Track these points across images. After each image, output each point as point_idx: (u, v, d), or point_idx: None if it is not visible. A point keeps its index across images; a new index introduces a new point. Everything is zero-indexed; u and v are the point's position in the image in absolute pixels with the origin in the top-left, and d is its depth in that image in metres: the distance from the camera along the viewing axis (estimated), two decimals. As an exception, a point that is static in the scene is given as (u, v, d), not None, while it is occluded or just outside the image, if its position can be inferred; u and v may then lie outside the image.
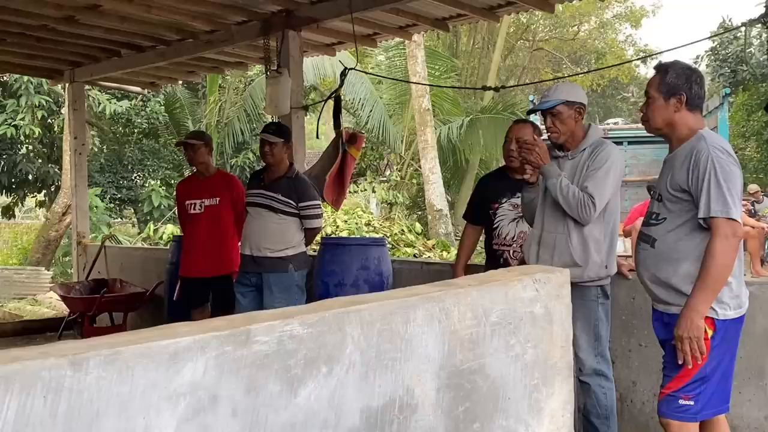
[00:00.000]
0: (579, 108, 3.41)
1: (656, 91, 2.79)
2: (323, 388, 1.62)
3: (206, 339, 1.45)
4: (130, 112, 15.53)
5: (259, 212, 4.53)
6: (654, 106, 2.80)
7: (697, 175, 2.63)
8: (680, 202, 2.71)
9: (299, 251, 4.57)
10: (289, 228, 4.51)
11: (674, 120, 2.77)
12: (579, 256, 3.29)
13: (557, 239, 3.36)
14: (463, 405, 1.92)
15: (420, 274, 4.90)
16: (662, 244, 2.76)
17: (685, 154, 2.71)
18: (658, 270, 2.76)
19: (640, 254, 2.87)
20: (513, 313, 2.08)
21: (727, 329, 2.68)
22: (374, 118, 15.07)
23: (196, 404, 1.43)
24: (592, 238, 3.32)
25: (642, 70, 27.97)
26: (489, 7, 5.49)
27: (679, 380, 2.71)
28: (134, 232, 15.89)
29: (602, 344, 3.41)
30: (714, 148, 2.65)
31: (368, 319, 1.73)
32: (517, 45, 25.20)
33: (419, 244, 12.56)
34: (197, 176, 5.32)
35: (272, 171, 4.61)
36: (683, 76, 2.76)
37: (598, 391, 3.39)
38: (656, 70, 2.86)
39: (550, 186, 3.30)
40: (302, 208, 4.53)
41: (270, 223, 4.49)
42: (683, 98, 2.74)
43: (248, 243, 4.57)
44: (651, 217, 2.85)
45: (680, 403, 2.70)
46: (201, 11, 5.58)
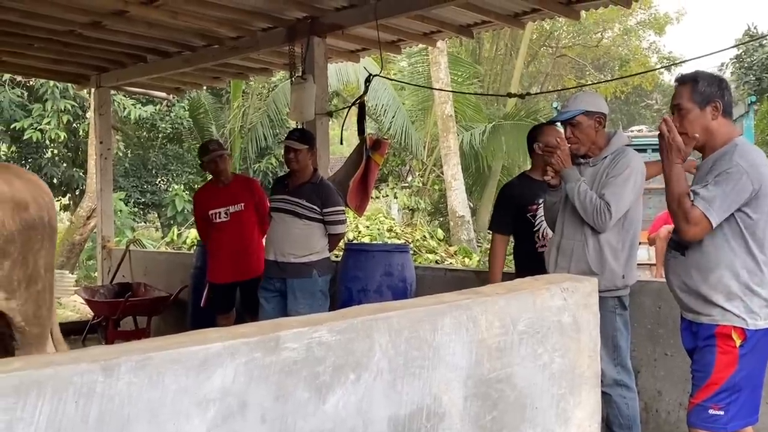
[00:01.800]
0: (599, 118, 3.39)
1: (690, 102, 2.75)
2: (351, 396, 1.61)
3: (236, 345, 1.45)
4: (155, 117, 15.67)
5: (284, 218, 4.54)
6: (690, 117, 2.75)
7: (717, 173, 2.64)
8: None
9: (323, 257, 4.58)
10: (314, 234, 4.52)
11: (712, 127, 2.73)
12: (595, 264, 3.27)
13: (575, 246, 3.35)
14: (491, 414, 1.91)
15: (443, 281, 4.89)
16: (694, 252, 2.74)
17: (712, 160, 2.71)
18: (688, 278, 2.75)
19: (670, 262, 2.86)
20: (541, 322, 2.06)
21: (759, 339, 2.65)
22: (396, 124, 15.07)
23: (226, 410, 1.43)
24: (608, 247, 3.29)
25: (666, 77, 27.76)
26: (514, 14, 5.48)
27: (708, 389, 2.68)
28: (158, 236, 16.01)
29: (621, 355, 3.38)
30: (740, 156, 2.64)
31: (396, 326, 1.72)
32: (540, 51, 25.08)
33: (441, 251, 12.54)
34: (215, 185, 5.33)
35: (296, 177, 4.62)
36: (715, 84, 2.75)
37: (619, 402, 3.36)
38: (682, 82, 2.82)
39: (569, 190, 3.29)
40: (326, 214, 4.54)
41: (294, 229, 4.50)
42: (719, 105, 2.72)
43: (272, 248, 4.58)
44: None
45: (710, 413, 2.68)
46: (226, 18, 5.62)
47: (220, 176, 5.28)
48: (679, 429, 3.75)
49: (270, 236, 4.66)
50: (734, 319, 2.65)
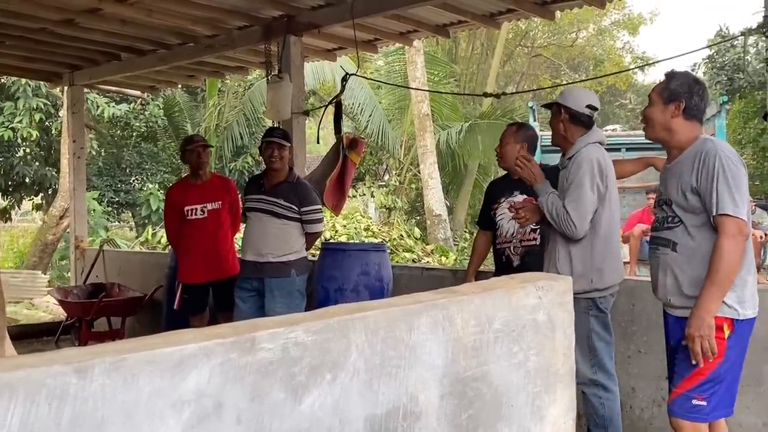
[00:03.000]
0: (569, 113, 3.40)
1: (658, 95, 2.85)
2: (327, 396, 1.61)
3: (211, 346, 1.45)
4: (129, 115, 15.53)
5: (261, 218, 4.52)
6: (653, 108, 2.85)
7: (706, 175, 2.65)
8: (691, 204, 2.72)
9: (301, 256, 4.58)
10: (292, 233, 4.51)
11: (671, 126, 2.80)
12: (563, 269, 3.29)
13: (550, 251, 3.43)
14: (467, 412, 1.92)
15: (420, 279, 4.90)
16: (684, 246, 2.76)
17: (692, 156, 2.73)
18: (681, 273, 2.76)
19: (659, 258, 2.86)
20: (516, 321, 2.08)
21: (744, 329, 2.69)
22: (373, 122, 15.08)
23: (201, 412, 1.42)
24: (575, 251, 3.31)
25: (639, 78, 28.08)
26: (489, 14, 5.51)
27: (692, 379, 2.69)
28: (132, 236, 15.87)
29: (598, 356, 3.38)
30: (721, 149, 2.70)
31: (373, 326, 1.73)
32: (515, 51, 25.23)
33: (418, 249, 12.58)
34: (193, 180, 5.25)
35: (273, 176, 4.59)
36: (686, 85, 2.81)
37: (595, 401, 3.39)
38: (664, 76, 2.90)
39: (540, 204, 3.35)
40: (304, 213, 4.53)
41: (272, 229, 4.48)
42: (681, 105, 2.78)
43: (250, 248, 4.55)
44: (665, 222, 2.84)
45: (693, 404, 2.69)
46: (202, 16, 5.58)
47: (199, 170, 5.19)
48: (653, 425, 3.80)
49: (247, 236, 4.62)
50: (726, 311, 2.65)
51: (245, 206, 4.69)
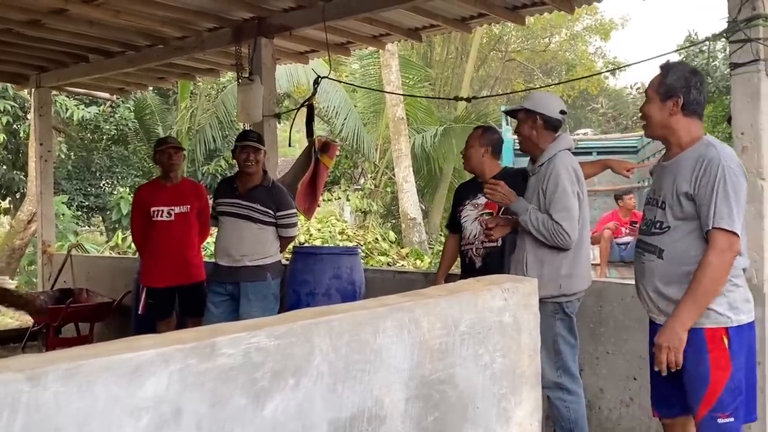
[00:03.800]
0: (535, 118, 3.42)
1: (654, 92, 2.71)
2: (291, 401, 1.59)
3: (170, 352, 1.43)
4: (99, 118, 15.34)
5: (236, 222, 4.47)
6: (650, 106, 2.72)
7: (705, 185, 2.52)
8: (686, 209, 2.60)
9: (276, 259, 4.57)
10: (267, 237, 4.50)
11: (670, 123, 2.67)
12: (532, 273, 3.29)
13: (518, 257, 3.45)
14: (432, 415, 1.91)
15: (392, 283, 4.90)
16: (671, 254, 2.63)
17: (692, 160, 2.60)
18: (668, 281, 2.64)
19: (644, 265, 2.74)
20: (482, 323, 2.08)
21: (744, 334, 2.58)
22: (348, 126, 15.06)
23: (159, 419, 1.40)
24: (545, 257, 3.33)
25: (611, 82, 28.38)
26: (461, 18, 5.53)
27: (709, 400, 2.54)
28: (102, 241, 15.67)
29: (563, 359, 3.39)
30: (724, 157, 2.55)
31: (337, 330, 1.71)
32: (489, 55, 25.39)
33: (393, 253, 12.58)
34: (162, 182, 5.19)
35: (248, 180, 4.55)
36: (683, 79, 2.66)
37: (559, 405, 3.40)
38: (660, 69, 2.76)
39: (523, 223, 3.31)
40: (280, 217, 4.52)
41: (249, 233, 4.45)
42: (680, 101, 2.64)
43: (225, 252, 4.50)
44: (653, 226, 2.71)
45: (719, 423, 2.54)
46: (171, 17, 5.52)
47: (170, 172, 5.13)
48: (621, 426, 3.83)
49: (221, 240, 4.56)
50: (719, 319, 2.55)
51: (217, 209, 4.62)
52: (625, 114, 27.02)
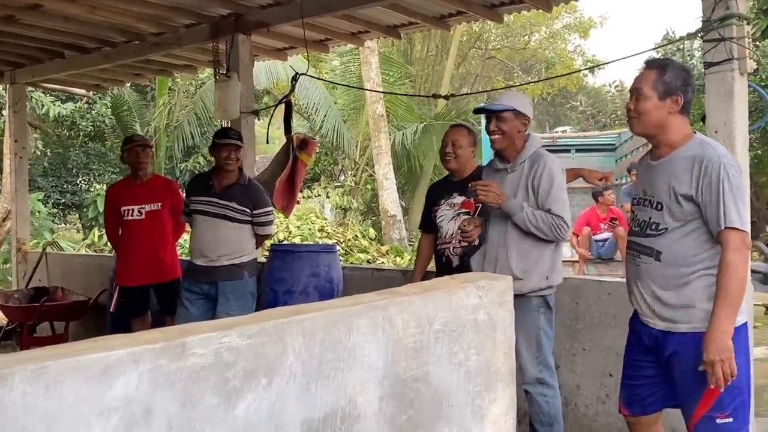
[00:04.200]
0: (525, 121, 3.48)
1: (651, 89, 2.59)
2: (263, 400, 1.59)
3: (139, 352, 1.42)
4: (75, 114, 15.17)
5: (213, 221, 4.41)
6: (646, 104, 2.60)
7: (708, 186, 2.47)
8: (685, 211, 2.54)
9: (253, 257, 4.55)
10: (244, 236, 4.48)
11: (666, 122, 2.59)
12: (519, 269, 3.33)
13: (499, 253, 3.42)
14: (407, 413, 1.91)
15: (371, 280, 4.89)
16: (669, 256, 2.57)
17: (688, 160, 2.54)
18: (665, 284, 2.58)
19: (639, 267, 2.67)
20: (457, 321, 2.08)
21: (739, 335, 2.54)
22: (328, 123, 15.02)
23: (129, 419, 1.39)
24: (531, 250, 3.37)
25: (590, 80, 28.58)
26: (440, 16, 5.53)
27: (707, 400, 2.50)
28: (79, 238, 15.51)
29: (544, 353, 3.43)
30: (722, 156, 2.51)
31: (310, 328, 1.71)
32: (469, 53, 25.45)
33: (373, 250, 12.57)
34: (132, 181, 5.15)
35: (225, 177, 4.50)
36: (681, 78, 2.60)
37: (540, 400, 3.43)
38: (650, 65, 2.65)
39: (519, 221, 3.31)
40: (257, 216, 4.49)
41: (225, 232, 4.41)
42: (680, 100, 2.58)
43: (201, 252, 4.45)
44: (649, 228, 2.64)
45: (718, 423, 2.50)
46: (147, 13, 5.47)
47: (138, 170, 5.09)
48: (597, 422, 3.86)
49: (197, 239, 4.51)
50: None
51: (191, 207, 4.56)
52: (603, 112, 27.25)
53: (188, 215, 4.62)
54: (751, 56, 3.54)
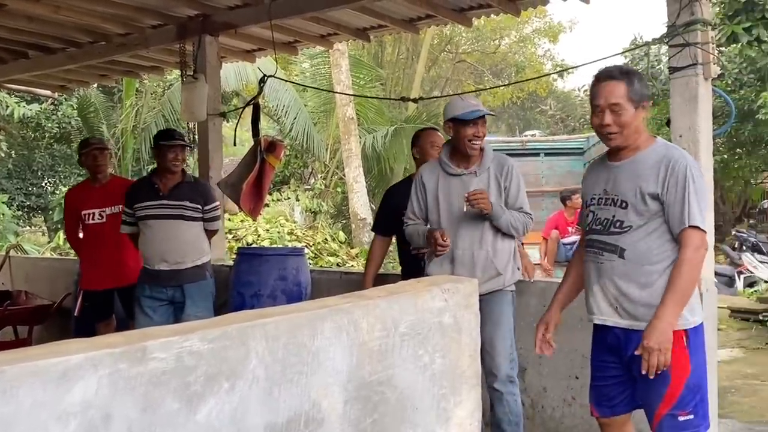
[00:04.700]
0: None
1: (627, 101, 2.60)
2: (225, 405, 1.58)
3: (99, 356, 1.40)
4: (41, 116, 14.93)
5: (169, 224, 4.34)
6: (626, 117, 2.61)
7: (675, 185, 2.54)
8: (650, 209, 2.59)
9: (210, 256, 4.54)
10: (200, 234, 4.45)
11: (639, 127, 2.65)
12: (503, 267, 3.50)
13: (476, 255, 3.49)
14: (371, 417, 1.91)
15: (339, 283, 4.88)
16: (633, 253, 2.62)
17: (654, 161, 2.60)
18: (628, 282, 2.62)
19: (602, 265, 2.69)
20: (422, 324, 2.09)
21: (698, 333, 2.62)
22: (298, 125, 14.95)
23: (88, 424, 1.38)
24: (505, 248, 3.54)
25: (560, 84, 28.88)
26: (409, 19, 5.54)
27: (670, 397, 2.56)
28: (44, 241, 15.27)
29: (514, 349, 3.56)
30: (688, 159, 2.61)
31: (273, 332, 1.70)
32: (440, 57, 25.55)
33: (342, 253, 12.54)
34: (91, 184, 5.08)
35: (170, 179, 4.42)
36: (644, 83, 2.65)
37: (510, 399, 3.46)
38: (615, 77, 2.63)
39: (503, 222, 3.45)
40: (208, 211, 4.46)
41: (185, 234, 4.35)
42: (647, 105, 2.64)
43: (162, 257, 4.34)
44: (612, 225, 2.67)
45: (681, 420, 2.56)
46: (113, 13, 5.40)
47: (97, 173, 5.02)
48: (564, 424, 3.89)
49: (156, 245, 4.37)
50: (681, 321, 2.55)
51: (138, 214, 4.40)
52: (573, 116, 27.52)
53: (131, 224, 4.46)
54: (715, 61, 3.60)
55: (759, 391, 5.09)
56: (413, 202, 3.65)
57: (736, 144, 16.75)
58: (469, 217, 3.46)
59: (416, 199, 3.64)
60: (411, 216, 3.66)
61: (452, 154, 3.59)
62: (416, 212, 3.64)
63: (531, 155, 12.90)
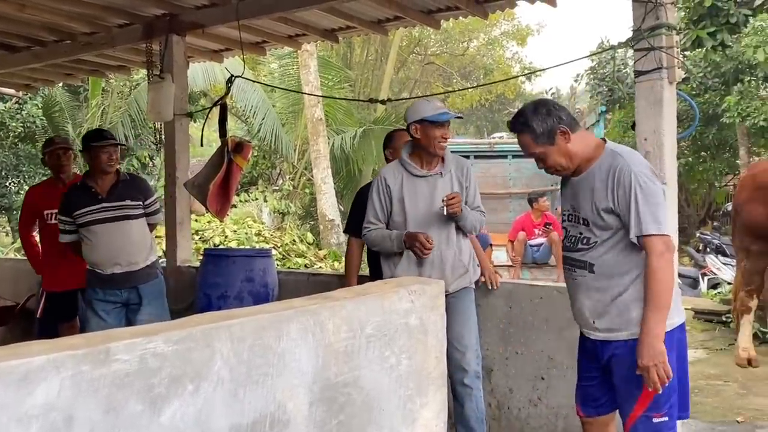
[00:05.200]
0: None
1: (538, 147, 2.69)
2: (189, 406, 1.57)
3: (61, 358, 1.39)
4: (5, 114, 14.64)
5: (116, 226, 4.23)
6: (549, 159, 2.69)
7: (623, 195, 2.55)
8: (609, 224, 2.61)
9: (157, 254, 4.50)
10: (146, 232, 4.39)
11: (571, 151, 2.67)
12: (470, 263, 3.61)
13: (445, 255, 3.54)
14: (337, 418, 1.92)
15: (306, 285, 4.87)
16: (602, 267, 2.65)
17: (604, 172, 2.62)
18: (602, 295, 2.65)
19: (576, 281, 2.74)
20: (388, 325, 2.10)
21: (674, 336, 2.62)
22: (267, 126, 14.88)
23: (50, 426, 1.37)
24: (469, 246, 3.67)
25: (527, 87, 29.13)
26: (377, 20, 5.55)
27: (644, 400, 2.57)
28: (8, 242, 14.98)
29: (479, 344, 3.63)
30: (633, 164, 2.58)
31: (239, 334, 1.70)
32: (409, 58, 25.63)
33: (311, 255, 12.50)
34: (55, 184, 4.99)
35: (106, 180, 4.30)
36: (544, 115, 2.67)
37: (477, 395, 3.51)
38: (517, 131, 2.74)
39: (468, 222, 3.54)
40: (149, 206, 4.41)
41: (133, 234, 4.27)
42: (564, 129, 2.65)
43: (114, 260, 4.23)
44: (579, 242, 2.71)
45: (655, 422, 2.57)
46: (78, 12, 5.31)
47: (61, 173, 4.94)
48: (529, 425, 3.93)
49: (104, 249, 4.24)
50: None
51: (79, 221, 4.25)
52: (540, 118, 27.74)
53: (70, 233, 4.32)
54: (679, 65, 3.66)
55: (722, 392, 5.19)
56: (375, 205, 3.61)
57: (700, 147, 17.08)
58: (437, 217, 3.48)
59: (379, 202, 3.60)
60: (372, 221, 3.62)
61: (415, 155, 3.61)
62: (379, 216, 3.60)
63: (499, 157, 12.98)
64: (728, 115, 14.13)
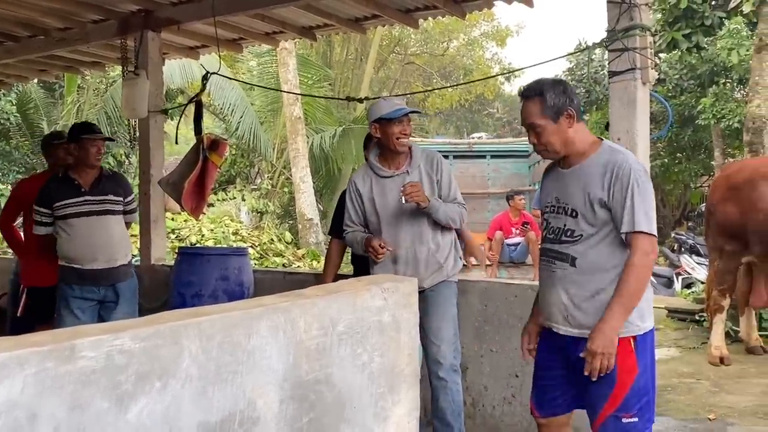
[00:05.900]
0: None
1: (542, 119, 2.63)
2: (157, 404, 1.55)
3: (25, 355, 1.37)
4: (-23, 111, 14.44)
5: (97, 220, 4.19)
6: (546, 134, 2.64)
7: (620, 190, 2.54)
8: (599, 217, 2.59)
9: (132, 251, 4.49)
10: (125, 228, 4.37)
11: (570, 137, 2.64)
12: (443, 258, 3.57)
13: (418, 252, 3.54)
14: (308, 416, 1.91)
15: (282, 284, 4.85)
16: (585, 262, 2.62)
17: (601, 167, 2.61)
18: (581, 290, 2.62)
19: (555, 273, 2.69)
20: (361, 323, 2.09)
21: (647, 338, 2.62)
22: (245, 124, 14.80)
23: (13, 423, 1.35)
24: (445, 240, 3.61)
25: (507, 88, 29.27)
26: (355, 18, 5.55)
27: (615, 400, 2.56)
28: (-20, 240, 14.74)
29: (458, 338, 3.61)
30: (632, 162, 2.59)
31: (208, 331, 1.68)
32: (389, 58, 25.65)
33: (289, 254, 12.47)
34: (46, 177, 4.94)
35: (90, 173, 4.26)
36: (561, 92, 2.63)
37: (453, 389, 3.51)
38: (527, 96, 2.68)
39: (441, 215, 3.49)
40: (128, 203, 4.40)
41: (114, 229, 4.23)
42: (572, 113, 2.62)
43: (93, 256, 4.18)
44: (564, 234, 2.67)
45: (624, 422, 2.56)
46: (53, 7, 5.26)
47: (57, 168, 4.87)
48: (504, 422, 3.95)
49: (82, 243, 4.19)
50: (630, 327, 2.56)
51: (59, 213, 4.19)
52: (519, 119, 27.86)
53: (47, 225, 4.25)
54: (653, 66, 3.70)
55: (694, 390, 5.24)
56: (350, 209, 3.66)
57: (676, 149, 17.27)
58: (408, 215, 3.48)
59: (352, 206, 3.65)
60: (349, 223, 3.68)
61: (381, 157, 3.64)
62: (354, 219, 3.66)
63: (477, 157, 13.06)
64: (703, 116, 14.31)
